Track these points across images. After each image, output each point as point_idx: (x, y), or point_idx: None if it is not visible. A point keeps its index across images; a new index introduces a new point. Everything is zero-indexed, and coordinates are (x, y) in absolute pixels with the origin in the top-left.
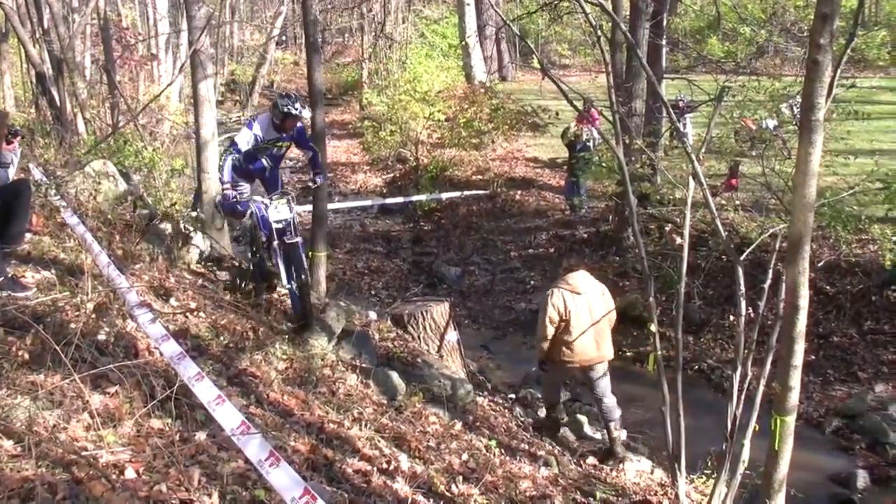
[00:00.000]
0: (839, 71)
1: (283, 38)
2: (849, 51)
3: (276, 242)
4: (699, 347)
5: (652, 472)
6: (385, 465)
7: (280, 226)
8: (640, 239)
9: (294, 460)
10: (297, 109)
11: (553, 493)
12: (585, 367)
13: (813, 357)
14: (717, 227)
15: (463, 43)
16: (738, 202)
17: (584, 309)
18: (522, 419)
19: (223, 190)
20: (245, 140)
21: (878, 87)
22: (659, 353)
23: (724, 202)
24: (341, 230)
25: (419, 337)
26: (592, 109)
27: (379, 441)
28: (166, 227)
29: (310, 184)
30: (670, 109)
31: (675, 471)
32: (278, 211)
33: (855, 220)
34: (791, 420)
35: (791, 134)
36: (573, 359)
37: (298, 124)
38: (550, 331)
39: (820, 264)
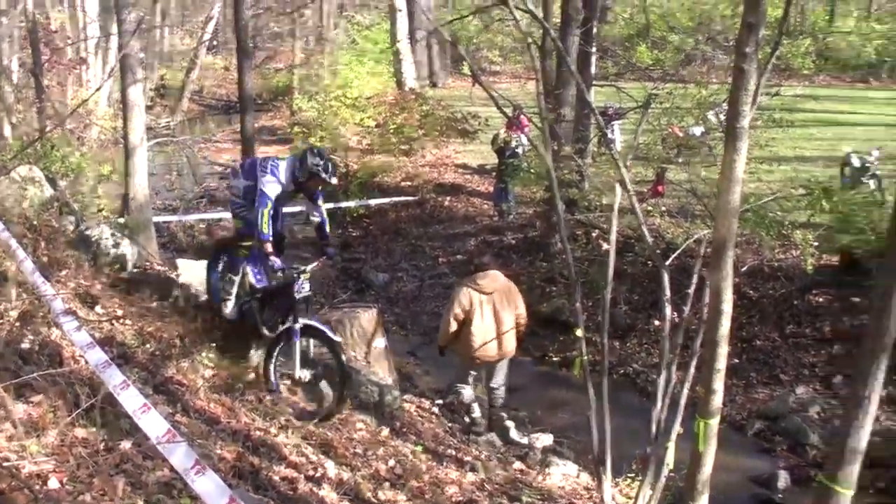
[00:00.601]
0: (764, 79)
1: (214, 42)
2: (774, 59)
3: (297, 325)
4: (625, 352)
5: (578, 476)
6: (312, 472)
7: (302, 304)
8: (568, 245)
9: (220, 468)
10: (327, 175)
11: (479, 497)
12: (487, 362)
13: (736, 360)
14: (643, 233)
15: (394, 48)
16: (664, 208)
17: (488, 308)
18: (450, 425)
19: (267, 251)
20: (275, 192)
21: (802, 95)
22: (585, 357)
23: (650, 208)
24: None
25: (347, 343)
26: (522, 116)
27: (305, 448)
28: (93, 233)
29: (320, 260)
30: (598, 116)
31: (600, 474)
32: (303, 287)
33: (778, 225)
34: (714, 423)
35: (717, 141)
36: (476, 355)
37: None
38: (453, 326)
39: (744, 269)
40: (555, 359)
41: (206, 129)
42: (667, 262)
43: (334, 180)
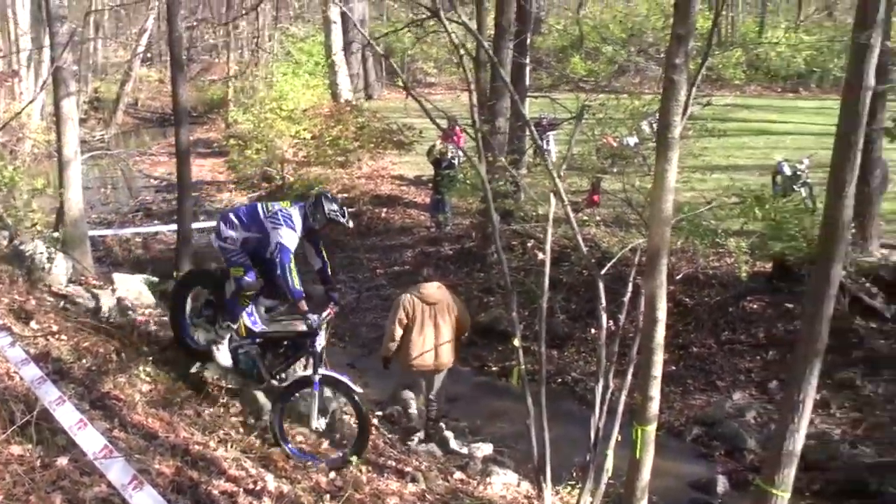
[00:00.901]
0: (694, 89)
1: (148, 55)
2: (704, 70)
3: (317, 376)
4: (563, 361)
5: (518, 485)
6: (251, 486)
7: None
8: (503, 255)
9: (158, 483)
10: (345, 220)
11: None
12: (424, 372)
13: (673, 367)
14: (578, 243)
15: (329, 61)
16: (599, 218)
17: (429, 319)
18: (389, 436)
19: (302, 309)
20: (294, 243)
21: (733, 104)
22: (523, 367)
23: (585, 218)
24: (206, 249)
25: None
26: (456, 127)
27: (245, 461)
28: (27, 248)
29: (330, 307)
30: (532, 127)
31: (540, 482)
32: (321, 338)
33: (712, 233)
34: (651, 429)
35: (651, 151)
36: (412, 363)
37: None
38: (399, 332)
39: (679, 277)
40: (493, 368)
41: (141, 142)
42: (602, 272)
43: (351, 224)
